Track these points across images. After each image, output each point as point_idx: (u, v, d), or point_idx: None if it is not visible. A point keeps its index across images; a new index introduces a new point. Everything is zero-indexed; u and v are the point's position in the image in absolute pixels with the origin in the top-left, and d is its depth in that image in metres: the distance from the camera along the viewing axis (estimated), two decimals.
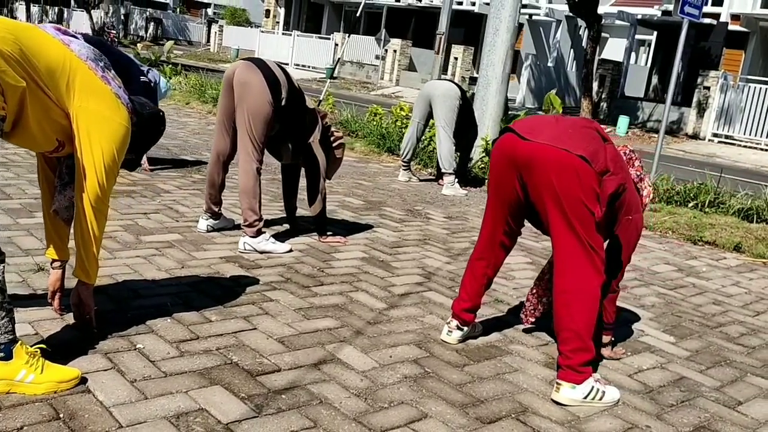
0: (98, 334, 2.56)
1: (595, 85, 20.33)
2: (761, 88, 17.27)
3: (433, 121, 6.80)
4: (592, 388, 2.54)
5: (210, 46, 34.48)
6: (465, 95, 6.64)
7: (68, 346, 2.45)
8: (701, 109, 18.65)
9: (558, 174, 2.54)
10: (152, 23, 38.16)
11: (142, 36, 37.14)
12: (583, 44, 22.73)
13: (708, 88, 18.48)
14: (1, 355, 2.08)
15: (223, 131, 4.01)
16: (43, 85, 2.19)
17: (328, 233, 4.36)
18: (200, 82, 12.11)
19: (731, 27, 20.77)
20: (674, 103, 20.72)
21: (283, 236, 4.28)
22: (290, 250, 3.96)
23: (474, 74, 21.44)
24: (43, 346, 2.21)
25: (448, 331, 2.98)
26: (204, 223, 4.15)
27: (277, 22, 33.31)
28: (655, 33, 23.76)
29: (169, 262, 3.53)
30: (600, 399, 2.56)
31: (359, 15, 9.67)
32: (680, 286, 4.38)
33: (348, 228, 4.71)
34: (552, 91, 8.64)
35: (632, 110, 20.20)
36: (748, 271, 5.02)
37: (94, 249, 2.43)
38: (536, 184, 2.61)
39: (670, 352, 3.21)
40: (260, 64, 3.87)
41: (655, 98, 22.29)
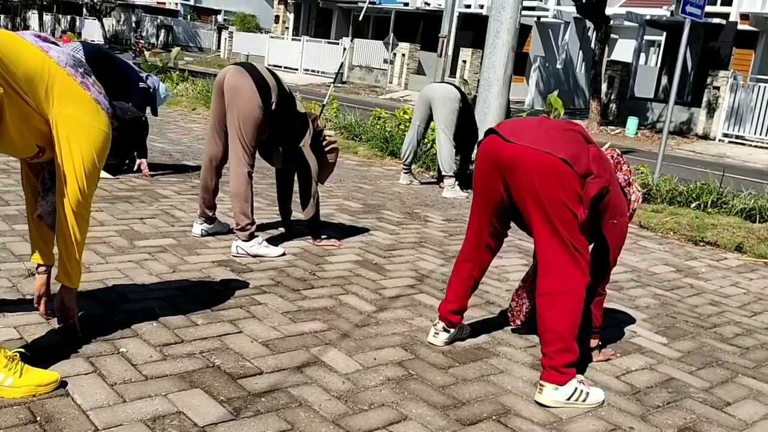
0: (83, 338, 2.58)
1: (604, 86, 20.24)
2: None
3: (434, 124, 6.80)
4: (576, 389, 2.53)
5: (220, 52, 34.69)
6: (465, 98, 6.64)
7: (52, 350, 2.47)
8: (711, 110, 18.53)
9: (540, 176, 2.53)
10: (163, 30, 38.45)
11: (153, 43, 37.39)
12: (591, 46, 22.63)
13: (718, 88, 18.36)
14: None
15: (216, 136, 4.03)
16: (21, 92, 2.21)
17: (323, 237, 4.37)
18: (207, 87, 12.16)
19: (740, 26, 20.62)
20: (684, 104, 20.63)
21: (278, 240, 4.29)
22: (283, 254, 3.97)
23: None
24: (23, 350, 2.23)
25: (435, 333, 2.97)
26: (198, 227, 4.17)
27: (287, 28, 33.46)
28: (665, 33, 23.62)
29: (161, 266, 3.55)
30: (584, 400, 2.54)
31: (362, 18, 9.67)
32: (677, 287, 4.35)
33: (344, 231, 4.71)
34: (554, 93, 8.62)
35: (642, 111, 20.10)
36: (748, 271, 4.98)
37: (76, 254, 2.44)
38: (519, 186, 2.60)
39: (660, 353, 3.19)
40: (250, 68, 3.89)
41: (665, 99, 22.11)
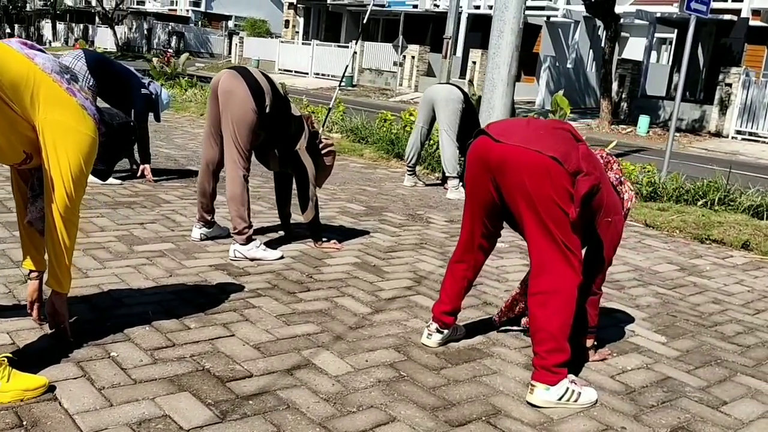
0: (74, 343, 2.59)
1: (615, 85, 20.13)
2: None
3: (437, 125, 6.79)
4: (567, 389, 2.51)
5: (231, 58, 34.85)
6: (468, 98, 6.63)
7: (42, 354, 2.48)
8: (723, 107, 18.38)
9: (530, 175, 2.52)
10: (174, 37, 38.69)
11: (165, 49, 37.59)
12: (602, 44, 22.53)
13: (730, 85, 18.21)
14: None
15: (211, 140, 4.05)
16: (7, 99, 2.23)
17: (323, 239, 4.37)
18: None
19: (752, 22, 20.44)
20: (696, 101, 20.48)
21: (277, 243, 4.29)
22: (281, 257, 3.97)
23: None
24: (10, 354, 2.24)
25: (428, 334, 2.96)
26: (197, 231, 4.18)
27: (297, 32, 33.57)
28: (676, 31, 23.46)
29: (158, 271, 3.56)
30: (575, 400, 2.52)
31: (366, 21, 9.68)
32: (680, 286, 4.30)
33: (345, 234, 4.71)
34: (560, 92, 8.58)
35: (653, 109, 19.96)
36: (754, 269, 4.92)
37: (65, 259, 2.45)
38: (509, 186, 2.59)
39: (658, 353, 3.16)
40: (244, 72, 3.89)
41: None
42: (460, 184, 6.63)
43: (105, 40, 41.02)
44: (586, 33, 24.80)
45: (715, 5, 19.88)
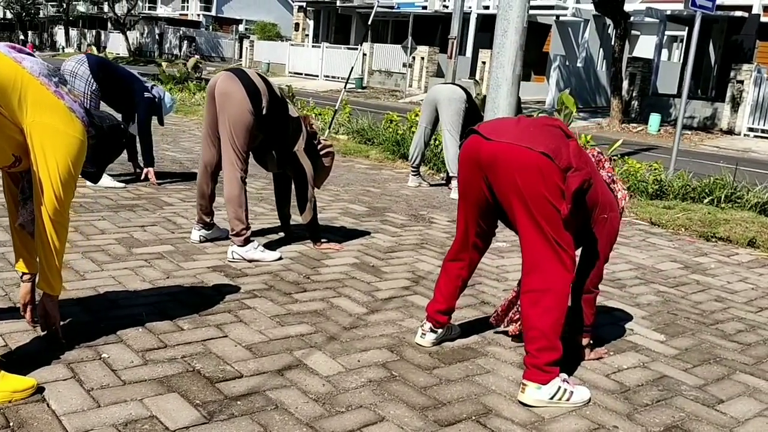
0: (66, 345, 2.60)
1: (625, 83, 20.01)
2: None
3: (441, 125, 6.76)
4: (559, 388, 2.49)
5: (242, 61, 34.98)
6: (471, 98, 6.61)
7: (34, 356, 2.49)
8: (735, 104, 18.23)
9: (521, 172, 2.50)
10: (186, 41, 38.89)
11: (177, 54, 37.85)
12: (612, 43, 22.41)
13: (741, 82, 18.06)
14: None
15: (209, 142, 4.05)
16: None
17: (323, 240, 4.36)
18: None
19: (763, 19, 20.25)
20: (708, 99, 20.33)
21: (277, 244, 4.30)
22: (280, 258, 3.97)
23: None
24: None
25: (422, 333, 2.95)
26: (197, 233, 4.19)
27: (307, 35, 33.66)
28: (687, 28, 23.27)
29: (156, 273, 3.57)
30: (567, 399, 2.49)
31: (371, 22, 9.68)
32: (683, 284, 4.26)
33: (346, 234, 4.71)
34: (565, 91, 8.53)
35: (665, 108, 19.81)
36: (759, 266, 4.86)
37: (55, 261, 2.46)
38: (501, 184, 2.57)
39: (656, 351, 3.12)
40: (240, 74, 3.90)
41: (689, 95, 21.84)
42: None
43: (117, 45, 41.32)
44: (596, 31, 24.68)
45: (726, 2, 19.74)
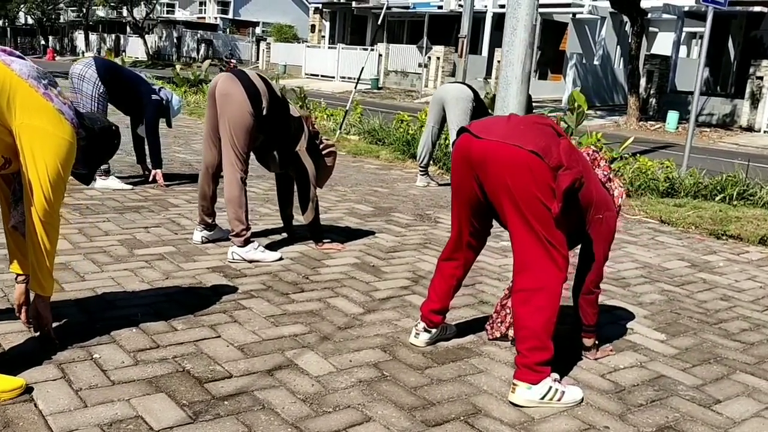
0: (60, 345, 2.61)
1: (642, 81, 19.83)
2: None
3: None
4: (550, 388, 2.46)
5: (259, 63, 35.16)
6: (478, 97, 6.58)
7: (26, 356, 2.51)
8: (755, 101, 17.97)
9: (511, 171, 2.48)
10: (203, 44, 39.16)
11: (194, 57, 38.12)
12: (629, 40, 22.22)
13: (761, 78, 17.79)
14: None
15: (211, 143, 4.07)
16: None
17: (325, 240, 4.36)
18: None
19: None
20: (727, 96, 20.07)
21: (279, 245, 4.30)
22: (280, 259, 3.98)
23: None
24: None
25: (416, 333, 2.93)
26: (198, 234, 4.20)
27: (323, 37, 33.73)
28: (705, 24, 23.00)
29: (155, 273, 3.59)
30: (559, 399, 2.47)
31: (381, 22, 9.67)
32: (689, 282, 4.20)
33: (349, 234, 4.70)
34: (576, 89, 8.46)
35: (683, 105, 19.56)
36: None
37: (46, 262, 2.48)
38: (491, 182, 2.55)
39: (655, 351, 3.08)
40: (241, 75, 3.91)
41: (708, 92, 21.57)
42: None
43: (136, 49, 41.73)
44: (613, 29, 24.48)
45: None
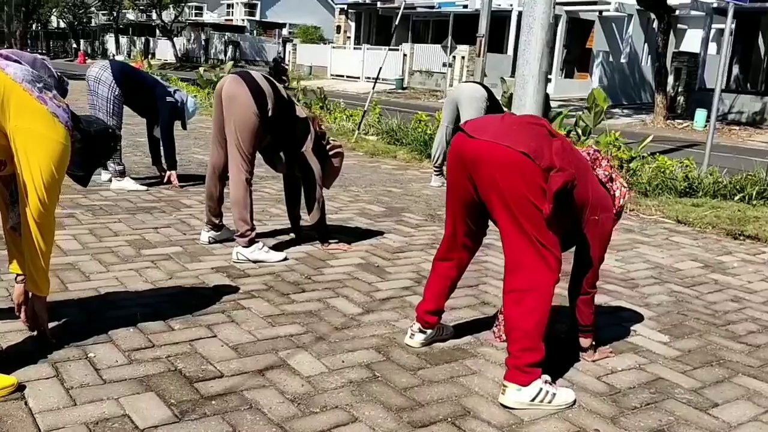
0: (57, 344, 2.65)
1: (670, 79, 19.55)
2: None
3: None
4: (541, 390, 2.43)
5: (285, 65, 35.34)
6: (492, 96, 6.54)
7: (23, 355, 2.55)
8: None
9: (502, 171, 2.47)
10: (231, 46, 39.50)
11: (222, 59, 38.45)
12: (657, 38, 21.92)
13: None
14: None
15: (218, 145, 4.10)
16: None
17: (332, 240, 4.37)
18: None
19: None
20: (757, 93, 19.70)
21: (286, 245, 4.32)
22: (285, 259, 3.99)
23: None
24: None
25: (411, 334, 2.92)
26: (206, 235, 4.24)
27: (348, 37, 33.81)
28: (735, 21, 22.60)
29: (160, 273, 3.62)
30: (549, 402, 2.44)
31: (398, 22, 9.66)
32: (699, 283, 4.13)
33: (358, 235, 4.70)
34: (596, 86, 8.36)
35: (712, 103, 19.25)
36: None
37: (41, 262, 2.52)
38: (482, 182, 2.54)
39: (656, 353, 3.03)
40: (247, 77, 3.93)
41: (737, 89, 21.20)
42: None
43: (165, 52, 42.24)
44: (640, 26, 24.17)
45: None
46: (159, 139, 6.11)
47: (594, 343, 2.95)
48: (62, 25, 55.25)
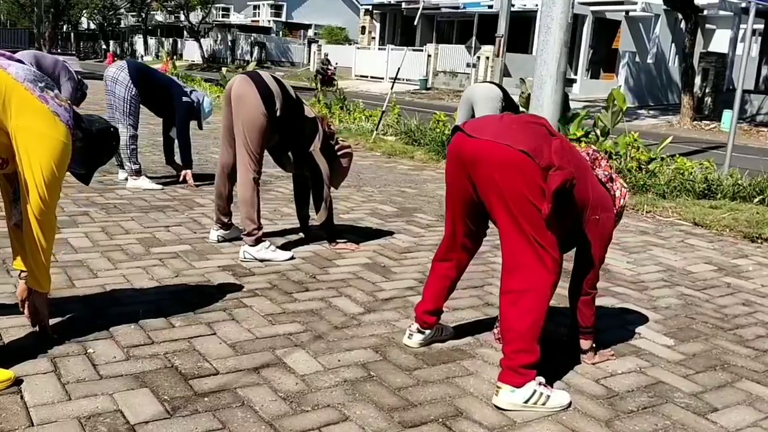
0: (58, 340, 2.69)
1: (697, 79, 19.29)
2: None
3: None
4: (534, 391, 2.41)
5: (310, 66, 35.51)
6: (508, 96, 6.50)
7: (24, 350, 2.59)
8: None
9: (501, 170, 2.45)
10: (257, 47, 39.77)
11: (248, 60, 38.72)
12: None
13: None
14: None
15: (227, 144, 4.14)
16: None
17: (340, 240, 4.38)
18: None
19: None
20: None
21: (294, 244, 4.34)
22: (291, 258, 4.01)
23: (570, 75, 20.94)
24: None
25: (409, 334, 2.92)
26: (215, 233, 4.28)
27: (373, 38, 33.85)
28: (764, 21, 22.21)
29: (166, 271, 3.66)
30: (543, 404, 2.42)
31: (417, 23, 9.65)
32: (711, 287, 4.07)
33: (367, 235, 4.70)
34: (616, 86, 8.28)
35: (741, 103, 18.96)
36: None
37: (42, 258, 2.56)
38: (482, 182, 2.53)
39: (659, 356, 2.99)
40: (255, 77, 3.96)
41: (766, 90, 20.83)
42: None
43: (192, 53, 42.65)
44: (667, 26, 23.87)
45: None
46: (173, 139, 6.18)
47: (594, 345, 2.92)
48: (92, 26, 56.09)
